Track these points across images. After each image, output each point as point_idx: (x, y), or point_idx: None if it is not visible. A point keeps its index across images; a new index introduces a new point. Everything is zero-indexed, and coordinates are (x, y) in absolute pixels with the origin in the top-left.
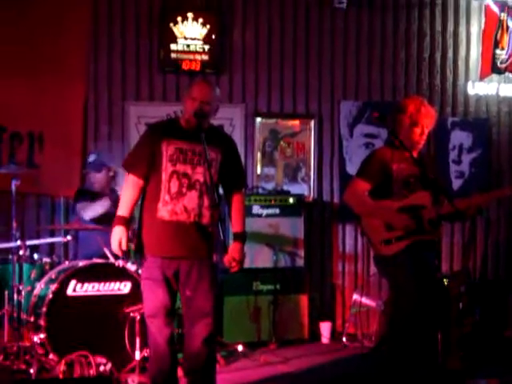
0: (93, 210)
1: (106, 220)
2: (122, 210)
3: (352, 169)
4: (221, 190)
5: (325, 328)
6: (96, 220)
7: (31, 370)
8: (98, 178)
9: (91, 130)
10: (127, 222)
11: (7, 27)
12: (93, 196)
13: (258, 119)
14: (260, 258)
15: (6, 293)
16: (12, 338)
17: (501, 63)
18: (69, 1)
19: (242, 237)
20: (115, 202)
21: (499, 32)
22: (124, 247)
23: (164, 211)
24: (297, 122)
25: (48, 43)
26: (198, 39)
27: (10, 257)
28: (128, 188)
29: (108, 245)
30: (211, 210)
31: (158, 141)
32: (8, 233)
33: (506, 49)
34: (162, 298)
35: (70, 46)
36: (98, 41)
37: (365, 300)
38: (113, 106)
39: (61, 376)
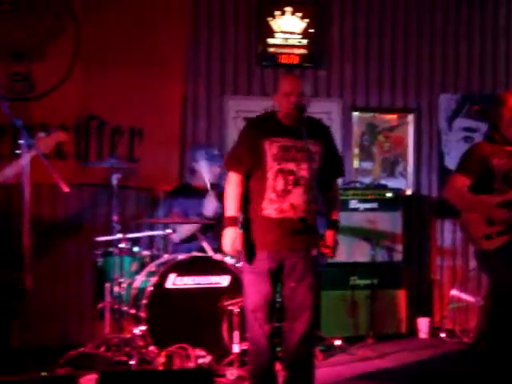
0: (181, 232)
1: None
2: (231, 211)
3: (451, 163)
4: None
5: (423, 323)
6: (185, 241)
7: (132, 362)
8: (218, 170)
9: (189, 124)
10: (237, 222)
11: (108, 25)
12: (192, 191)
13: (356, 113)
14: (357, 252)
15: (108, 285)
16: (113, 329)
17: None
18: None
19: (337, 225)
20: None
21: None
22: (238, 247)
23: (270, 209)
24: (394, 116)
25: (148, 39)
26: (297, 33)
27: (111, 250)
28: (232, 186)
29: (207, 239)
30: (314, 204)
31: (259, 139)
32: (109, 226)
33: None
34: (266, 292)
35: (170, 41)
36: (198, 35)
37: (463, 295)
38: (211, 101)
39: (161, 368)
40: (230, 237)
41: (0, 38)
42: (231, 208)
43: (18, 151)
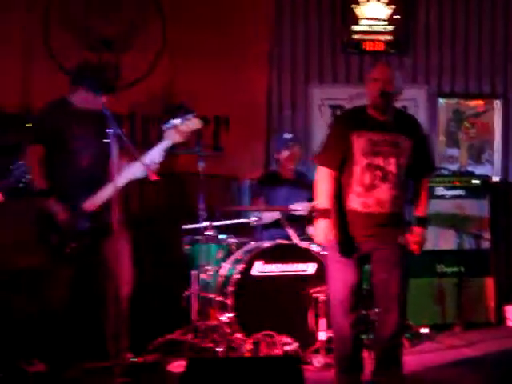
0: (265, 218)
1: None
2: (323, 202)
3: None
4: None
5: (511, 311)
6: (268, 226)
7: (219, 349)
8: (297, 151)
9: (275, 112)
10: (329, 214)
11: (194, 13)
12: (278, 179)
13: (442, 100)
14: (444, 239)
15: (194, 272)
16: (200, 317)
17: None
18: None
19: (425, 222)
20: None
21: None
22: (330, 237)
23: (356, 203)
24: (481, 102)
25: (233, 30)
26: (382, 19)
27: (198, 237)
28: (324, 181)
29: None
30: (401, 200)
31: (348, 133)
32: (196, 214)
33: None
34: (352, 281)
35: (255, 31)
36: (281, 24)
37: None
38: (296, 89)
39: (247, 355)
40: (323, 228)
41: (90, 28)
42: (323, 201)
43: (106, 140)
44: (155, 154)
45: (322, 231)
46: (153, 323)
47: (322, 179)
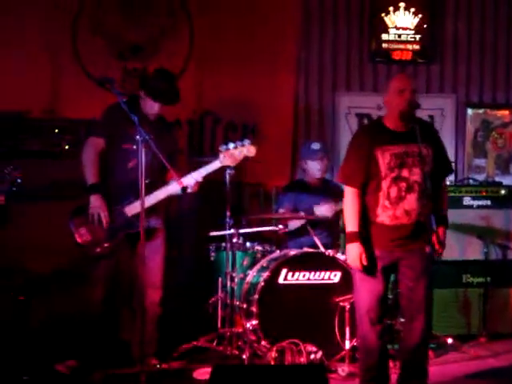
0: (292, 225)
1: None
2: (352, 226)
3: None
4: None
5: None
6: (294, 233)
7: (244, 356)
8: (324, 164)
9: (301, 120)
10: (359, 236)
11: (221, 25)
12: (305, 187)
13: (470, 110)
14: (470, 249)
15: (220, 279)
16: (225, 324)
17: None
18: None
19: (446, 220)
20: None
21: None
22: (364, 262)
23: (384, 216)
24: (507, 112)
25: (261, 38)
26: (410, 29)
27: (224, 244)
28: (351, 202)
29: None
30: (428, 207)
31: (371, 149)
32: (223, 221)
33: None
34: (378, 291)
35: (283, 37)
36: (310, 32)
37: None
38: (323, 97)
39: (272, 362)
40: (356, 252)
41: (118, 33)
42: (352, 223)
43: (134, 147)
44: (203, 173)
45: (355, 255)
46: (179, 330)
47: (349, 200)
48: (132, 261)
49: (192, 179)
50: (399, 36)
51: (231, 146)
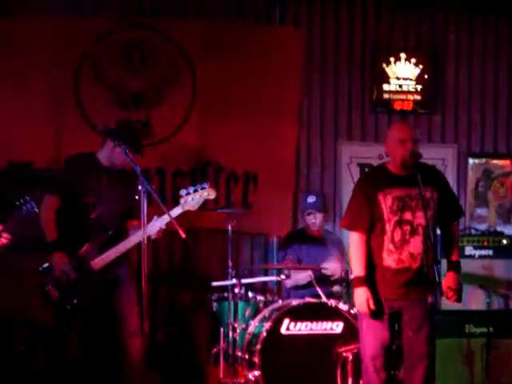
0: (296, 279)
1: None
2: (359, 271)
3: None
4: None
5: None
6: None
7: None
8: (318, 218)
9: (303, 169)
10: (367, 281)
11: (223, 74)
12: (307, 237)
13: (471, 159)
14: (473, 299)
15: (222, 330)
16: (227, 374)
17: None
18: (282, 42)
19: (457, 266)
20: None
21: None
22: (372, 307)
23: (390, 260)
24: (508, 162)
25: (263, 87)
26: (411, 79)
27: (226, 294)
28: (357, 247)
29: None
30: (432, 252)
31: (373, 193)
32: (224, 271)
33: None
34: (384, 339)
35: (285, 88)
36: (311, 81)
37: None
38: (325, 146)
39: None
40: (363, 297)
41: (120, 84)
42: (359, 268)
43: (136, 197)
44: (166, 219)
45: (363, 300)
46: (180, 380)
47: (355, 245)
48: (108, 312)
49: (156, 227)
50: (400, 86)
51: (191, 189)
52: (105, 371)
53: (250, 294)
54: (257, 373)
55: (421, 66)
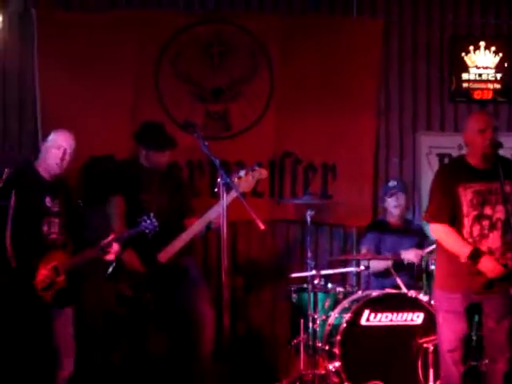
0: (374, 267)
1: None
2: (467, 247)
3: None
4: None
5: None
6: (377, 275)
7: None
8: (400, 199)
9: (382, 161)
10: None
11: (303, 67)
12: (387, 227)
13: None
14: None
15: (302, 321)
16: (307, 365)
17: None
18: (360, 33)
19: None
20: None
21: None
22: (501, 268)
23: None
24: None
25: (340, 77)
26: (490, 68)
27: (306, 286)
28: (448, 234)
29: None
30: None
31: (454, 186)
32: (303, 262)
33: None
34: (461, 331)
35: (362, 79)
36: (389, 72)
37: None
38: (403, 137)
39: None
40: (490, 263)
41: (199, 79)
42: (465, 246)
43: (215, 189)
44: (223, 205)
45: (493, 265)
46: (261, 371)
47: (447, 235)
48: (178, 305)
49: (215, 213)
50: (480, 75)
51: (242, 173)
52: (176, 364)
53: (330, 285)
54: (337, 364)
55: (500, 55)
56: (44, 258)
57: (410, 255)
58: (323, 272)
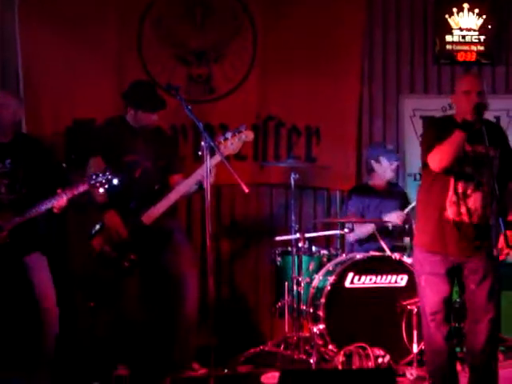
0: (359, 233)
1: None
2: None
3: None
4: None
5: None
6: (362, 241)
7: (311, 360)
8: (394, 167)
9: (366, 123)
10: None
11: (287, 29)
12: (371, 191)
13: None
14: None
15: (286, 284)
16: (292, 328)
17: None
18: None
19: None
20: (393, 195)
21: None
22: None
23: (450, 212)
24: None
25: (324, 40)
26: (474, 30)
27: (290, 249)
28: (441, 146)
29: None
30: (494, 207)
31: (444, 135)
32: (287, 226)
33: None
34: (444, 293)
35: (346, 41)
36: (373, 34)
37: None
38: (387, 100)
39: (340, 367)
40: None
41: (182, 40)
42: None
43: (199, 153)
44: (209, 166)
45: None
46: (245, 334)
47: (439, 146)
48: (163, 267)
49: (199, 176)
50: (463, 37)
51: (229, 134)
52: (161, 329)
53: (314, 248)
54: (321, 326)
55: (484, 17)
56: None
57: (392, 217)
58: (307, 235)
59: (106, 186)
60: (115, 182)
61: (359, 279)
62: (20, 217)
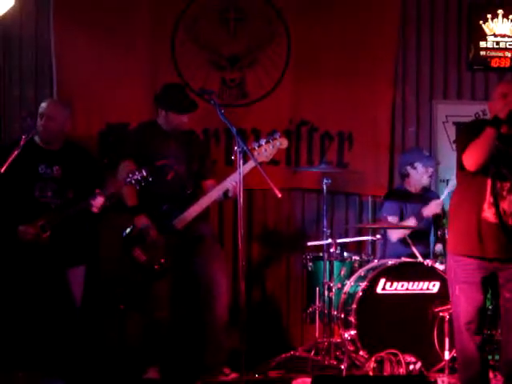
0: (399, 232)
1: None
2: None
3: None
4: None
5: None
6: (402, 240)
7: (342, 366)
8: (430, 173)
9: (398, 129)
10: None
11: (320, 34)
12: (408, 195)
13: None
14: None
15: (318, 289)
16: (323, 333)
17: None
18: (378, 1)
19: None
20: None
21: None
22: None
23: (488, 213)
24: None
25: (357, 45)
26: (508, 36)
27: (322, 254)
28: (476, 141)
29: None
30: None
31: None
32: (319, 231)
33: None
34: (479, 303)
35: (379, 47)
36: (407, 40)
37: None
38: (420, 105)
39: (371, 373)
40: None
41: (216, 45)
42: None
43: (232, 157)
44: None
45: None
46: (276, 339)
47: (473, 142)
48: (194, 271)
49: (232, 182)
50: (497, 43)
51: (263, 141)
52: (192, 332)
53: (346, 254)
54: (353, 332)
55: None
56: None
57: (430, 208)
58: (339, 240)
59: (143, 184)
60: (151, 179)
61: (391, 285)
62: (60, 215)
